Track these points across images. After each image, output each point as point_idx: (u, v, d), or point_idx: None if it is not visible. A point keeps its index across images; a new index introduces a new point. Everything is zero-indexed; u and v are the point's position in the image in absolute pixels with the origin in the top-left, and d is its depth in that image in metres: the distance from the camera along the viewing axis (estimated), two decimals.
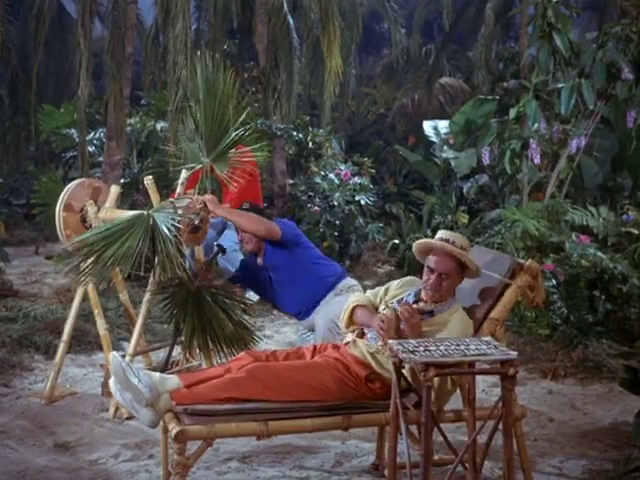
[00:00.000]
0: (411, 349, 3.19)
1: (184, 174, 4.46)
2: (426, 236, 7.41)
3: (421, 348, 3.20)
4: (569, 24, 7.31)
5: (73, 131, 9.49)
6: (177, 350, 4.81)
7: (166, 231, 3.89)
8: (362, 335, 3.81)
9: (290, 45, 9.46)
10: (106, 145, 8.37)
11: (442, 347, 3.22)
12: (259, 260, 4.57)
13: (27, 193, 11.15)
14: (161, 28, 8.44)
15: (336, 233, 8.96)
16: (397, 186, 11.90)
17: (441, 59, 13.93)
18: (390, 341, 3.33)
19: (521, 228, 6.45)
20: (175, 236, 3.95)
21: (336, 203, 8.99)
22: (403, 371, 3.32)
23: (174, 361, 5.11)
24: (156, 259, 3.99)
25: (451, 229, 7.51)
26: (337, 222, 8.97)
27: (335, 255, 8.95)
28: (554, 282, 5.89)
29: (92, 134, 9.48)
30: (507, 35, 14.97)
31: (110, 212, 4.92)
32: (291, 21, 9.64)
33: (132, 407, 3.29)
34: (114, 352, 3.49)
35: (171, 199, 4.34)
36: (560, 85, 7.05)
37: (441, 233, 3.71)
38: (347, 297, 4.38)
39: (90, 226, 4.89)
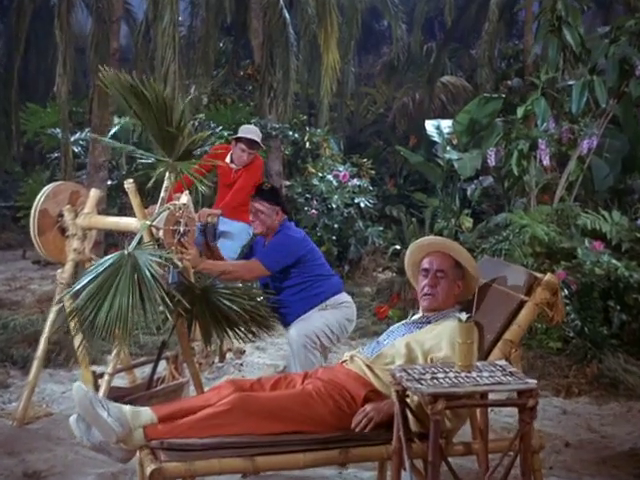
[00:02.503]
0: (417, 377, 2.82)
1: (167, 180, 4.20)
2: None
3: (427, 375, 2.84)
4: (579, 18, 6.95)
5: (59, 131, 9.11)
6: (163, 366, 4.53)
7: (149, 275, 3.64)
8: None
9: (286, 41, 9.08)
10: (91, 146, 7.99)
11: (451, 374, 2.86)
12: (266, 242, 4.45)
13: (15, 195, 10.77)
14: (151, 23, 8.06)
15: (334, 237, 8.62)
16: (397, 188, 11.53)
17: (442, 57, 13.52)
18: (393, 367, 2.97)
19: (529, 234, 6.09)
20: (159, 282, 3.71)
21: (334, 206, 8.64)
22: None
23: (159, 377, 4.80)
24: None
25: (455, 234, 7.14)
26: (335, 226, 8.63)
27: (333, 260, 8.63)
28: (566, 292, 5.51)
29: (78, 134, 9.08)
30: (510, 33, 14.59)
31: (89, 219, 4.56)
32: (287, 16, 9.27)
33: (100, 448, 2.91)
34: (78, 382, 3.14)
35: (147, 221, 4.00)
36: (571, 82, 6.68)
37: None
38: (331, 313, 4.29)
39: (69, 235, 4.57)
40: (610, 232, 6.21)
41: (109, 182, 8.07)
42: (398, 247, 7.37)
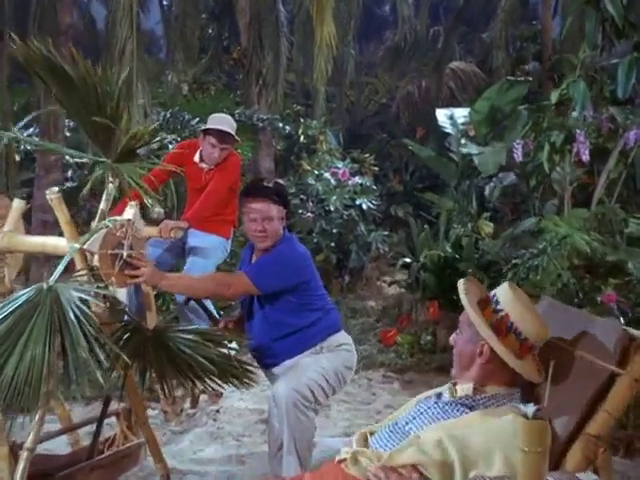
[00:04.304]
0: None
1: (109, 187, 3.21)
2: (444, 252, 5.97)
3: None
4: None
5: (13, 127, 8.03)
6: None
7: (73, 317, 2.75)
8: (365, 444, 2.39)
9: (276, 20, 8.03)
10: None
11: None
12: (253, 258, 3.54)
13: None
14: None
15: (333, 243, 7.65)
16: (403, 185, 10.48)
17: (451, 41, 12.45)
18: None
19: (569, 245, 5.02)
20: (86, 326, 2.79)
21: (333, 208, 7.63)
22: None
23: (109, 438, 3.81)
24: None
25: (476, 243, 6.07)
26: (334, 230, 7.64)
27: (332, 269, 7.64)
28: (622, 320, 4.44)
29: (32, 129, 8.00)
30: (522, 15, 13.51)
31: (8, 238, 3.50)
32: None
33: None
34: None
35: (77, 244, 3.07)
36: (614, 61, 5.62)
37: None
38: (327, 358, 3.33)
39: None
40: None
41: (70, 184, 7.01)
42: (408, 260, 6.30)
